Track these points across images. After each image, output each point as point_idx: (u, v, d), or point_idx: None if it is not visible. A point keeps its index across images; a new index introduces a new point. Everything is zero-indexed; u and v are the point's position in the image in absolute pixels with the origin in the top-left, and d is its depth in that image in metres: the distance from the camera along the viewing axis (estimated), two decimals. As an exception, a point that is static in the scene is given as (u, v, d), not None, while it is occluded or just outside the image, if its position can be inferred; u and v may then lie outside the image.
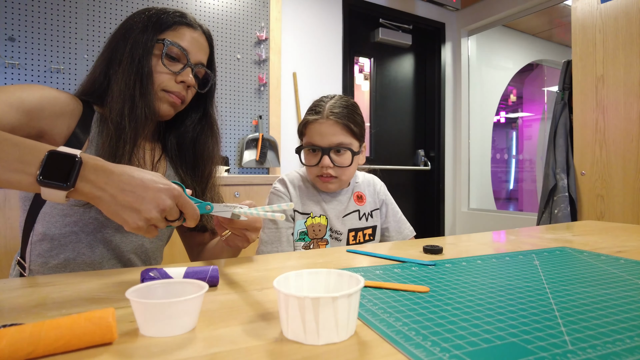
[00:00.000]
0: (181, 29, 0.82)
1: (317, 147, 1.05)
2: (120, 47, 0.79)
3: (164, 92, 0.81)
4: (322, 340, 0.36)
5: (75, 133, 0.76)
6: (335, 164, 1.05)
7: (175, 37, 0.81)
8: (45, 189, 0.52)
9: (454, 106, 3.61)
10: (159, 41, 0.79)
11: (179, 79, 0.81)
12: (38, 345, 0.33)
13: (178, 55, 0.81)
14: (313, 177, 1.10)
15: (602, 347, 0.36)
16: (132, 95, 0.76)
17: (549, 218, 2.31)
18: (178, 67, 0.81)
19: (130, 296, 0.38)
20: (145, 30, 0.79)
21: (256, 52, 2.65)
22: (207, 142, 0.92)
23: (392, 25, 3.30)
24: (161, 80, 0.80)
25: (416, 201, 3.60)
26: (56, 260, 0.76)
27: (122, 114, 0.75)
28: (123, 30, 0.81)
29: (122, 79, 0.76)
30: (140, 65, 0.77)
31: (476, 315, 0.43)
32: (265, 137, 2.61)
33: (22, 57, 2.01)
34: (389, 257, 0.73)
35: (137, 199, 0.54)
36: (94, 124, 0.79)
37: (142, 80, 0.77)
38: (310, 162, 1.08)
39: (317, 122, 1.05)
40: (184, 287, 0.43)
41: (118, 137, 0.74)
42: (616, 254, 0.75)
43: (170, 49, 0.80)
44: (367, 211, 1.16)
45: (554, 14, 3.40)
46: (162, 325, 0.38)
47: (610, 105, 2.09)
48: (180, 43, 0.81)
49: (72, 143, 0.75)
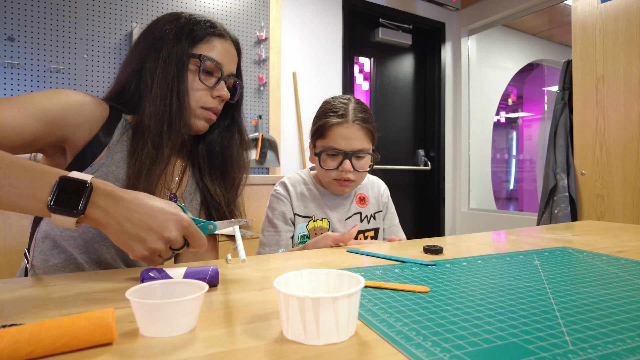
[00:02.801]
0: (213, 41, 0.81)
1: (340, 151, 1.02)
2: (152, 58, 0.77)
3: (202, 110, 0.80)
4: (322, 341, 0.36)
5: (97, 137, 0.75)
6: (356, 169, 1.04)
7: (209, 50, 0.80)
8: (56, 216, 0.52)
9: (454, 106, 3.61)
10: (194, 56, 0.78)
11: (215, 94, 0.80)
12: (38, 345, 0.33)
13: (213, 69, 0.80)
14: (329, 180, 1.07)
15: (602, 347, 0.36)
16: (170, 115, 0.75)
17: (549, 218, 2.31)
18: (212, 81, 0.81)
19: (130, 296, 0.38)
20: (178, 42, 0.77)
21: (256, 51, 2.65)
22: (236, 150, 0.91)
23: (392, 25, 3.30)
24: (198, 97, 0.79)
25: (416, 201, 3.60)
26: (56, 260, 0.76)
27: (161, 133, 0.74)
28: (152, 40, 0.79)
29: (158, 95, 0.75)
30: (176, 82, 0.76)
31: (477, 315, 0.43)
32: (265, 137, 2.61)
33: (22, 57, 2.01)
34: (389, 257, 0.73)
35: (144, 229, 0.54)
36: (117, 130, 0.78)
37: (179, 98, 0.76)
38: (329, 165, 1.05)
39: (343, 125, 1.02)
40: (184, 288, 0.43)
41: (155, 157, 0.74)
42: (616, 254, 0.75)
43: (206, 65, 0.79)
44: (369, 213, 1.15)
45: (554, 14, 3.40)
46: (161, 325, 0.38)
47: (610, 105, 2.09)
48: (214, 57, 0.80)
49: (93, 147, 0.74)
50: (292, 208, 1.09)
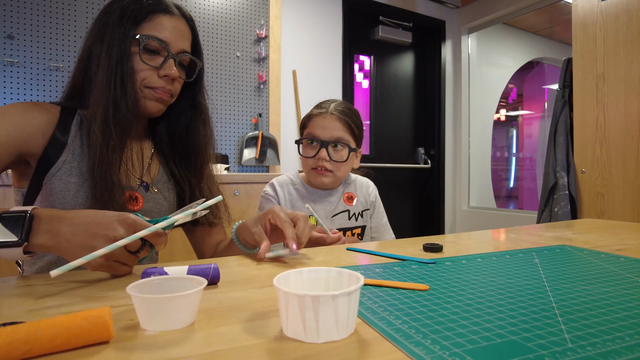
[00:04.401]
0: (157, 18, 0.77)
1: (317, 140, 1.09)
2: (97, 45, 0.76)
3: (148, 89, 0.78)
4: (322, 339, 0.36)
5: (54, 138, 0.74)
6: (332, 159, 1.09)
7: (152, 28, 0.76)
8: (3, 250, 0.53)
9: (454, 104, 3.61)
10: (134, 37, 0.75)
11: (162, 73, 0.77)
12: (34, 344, 0.33)
13: (157, 48, 0.77)
14: (308, 169, 1.13)
15: (601, 344, 0.36)
16: (114, 99, 0.73)
17: (549, 216, 2.31)
18: (159, 60, 0.77)
19: (131, 291, 0.39)
20: (119, 24, 0.74)
21: (256, 49, 2.64)
22: (199, 131, 0.88)
23: (392, 23, 3.30)
24: (143, 77, 0.77)
25: (416, 199, 3.60)
26: (41, 262, 0.77)
27: (107, 120, 0.72)
28: (99, 26, 0.77)
29: (102, 81, 0.73)
30: (118, 65, 0.73)
31: (476, 313, 0.43)
32: (265, 135, 2.61)
33: (21, 55, 2.01)
34: (389, 255, 0.73)
35: (90, 236, 0.53)
36: (73, 127, 0.77)
37: (122, 81, 0.74)
38: (307, 153, 1.11)
39: (321, 115, 1.10)
40: (184, 283, 0.44)
41: (106, 145, 0.72)
42: (616, 252, 0.75)
43: (148, 44, 0.75)
44: (357, 211, 1.18)
45: (555, 12, 3.39)
46: (161, 319, 0.39)
47: (610, 103, 2.09)
48: (157, 35, 0.76)
49: (54, 147, 0.74)
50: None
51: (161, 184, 0.88)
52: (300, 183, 1.17)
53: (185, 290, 0.40)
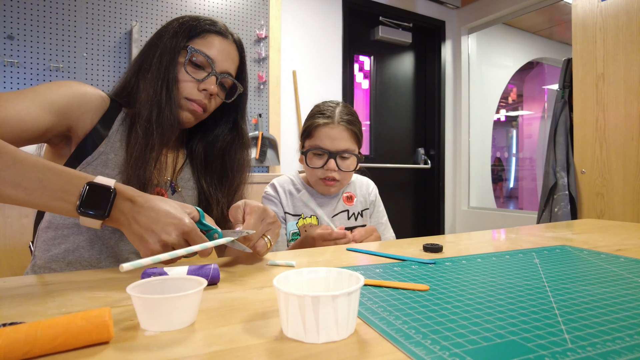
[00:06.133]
0: (210, 37, 0.82)
1: (325, 151, 1.07)
2: (151, 53, 0.81)
3: (186, 100, 0.82)
4: (322, 339, 0.36)
5: (96, 128, 0.78)
6: (341, 169, 1.08)
7: (203, 45, 0.81)
8: (84, 218, 0.57)
9: (454, 104, 3.61)
10: (184, 48, 0.80)
11: (202, 87, 0.81)
12: (34, 345, 0.33)
13: (203, 63, 0.81)
14: (315, 179, 1.12)
15: (601, 345, 0.36)
16: (159, 102, 0.77)
17: (549, 216, 2.31)
18: (202, 75, 0.82)
19: (131, 292, 0.39)
20: (174, 36, 0.80)
21: (256, 50, 2.64)
22: (237, 154, 0.92)
23: (392, 23, 3.30)
24: (184, 87, 0.81)
25: (416, 199, 3.60)
26: (57, 250, 0.77)
27: (150, 120, 0.77)
28: (156, 37, 0.83)
29: (150, 85, 0.78)
30: (166, 72, 0.79)
31: (476, 313, 0.43)
32: (265, 135, 2.61)
33: (21, 56, 2.01)
34: (389, 256, 0.73)
35: (147, 230, 0.57)
36: (117, 122, 0.81)
37: (168, 87, 0.78)
38: (315, 164, 1.09)
39: (328, 126, 1.07)
40: (184, 283, 0.44)
41: (146, 144, 0.76)
42: (616, 252, 0.75)
43: (194, 56, 0.80)
44: (356, 211, 1.19)
45: (555, 12, 3.39)
46: (162, 319, 0.39)
47: (610, 104, 2.09)
48: (206, 51, 0.81)
49: (93, 137, 0.77)
50: (282, 207, 1.14)
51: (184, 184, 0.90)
52: (300, 183, 1.18)
53: (186, 290, 0.40)
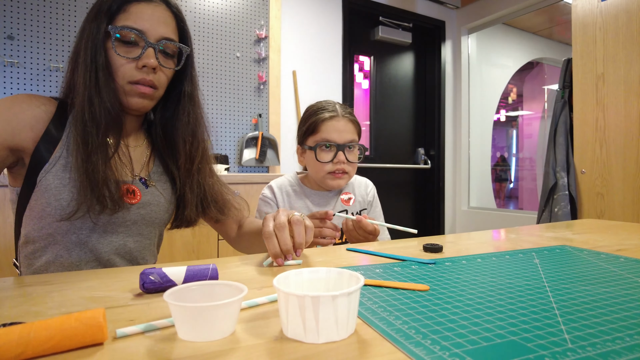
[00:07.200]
0: (132, 7, 0.73)
1: (334, 144, 1.09)
2: (81, 41, 0.73)
3: (131, 85, 0.74)
4: (322, 339, 0.36)
5: (47, 133, 0.73)
6: (348, 160, 1.11)
7: (126, 19, 0.72)
8: None
9: (454, 104, 3.61)
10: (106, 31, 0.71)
11: (141, 64, 0.73)
12: (27, 346, 0.32)
13: (134, 38, 0.72)
14: (324, 174, 1.11)
15: (601, 345, 0.36)
16: (89, 96, 0.70)
17: (549, 216, 2.31)
18: (137, 51, 0.73)
19: (168, 299, 0.37)
20: (95, 18, 0.72)
21: (256, 50, 2.64)
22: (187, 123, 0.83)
23: (392, 24, 3.30)
24: (123, 72, 0.73)
25: (416, 200, 3.60)
26: (39, 262, 0.75)
27: (83, 119, 0.70)
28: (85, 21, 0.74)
29: (79, 78, 0.71)
30: (93, 63, 0.71)
31: (476, 313, 0.43)
32: (265, 135, 2.61)
33: (22, 56, 2.01)
34: (389, 256, 0.73)
35: None
36: (68, 122, 0.75)
37: (96, 78, 0.71)
38: (324, 158, 1.10)
39: (334, 119, 1.10)
40: (222, 290, 0.42)
41: (85, 144, 0.69)
42: (616, 252, 0.75)
43: (122, 35, 0.71)
44: (354, 211, 1.19)
45: (555, 12, 3.39)
46: (202, 329, 0.36)
47: (610, 104, 2.09)
48: (131, 25, 0.71)
49: (45, 143, 0.72)
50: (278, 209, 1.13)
51: (157, 178, 0.86)
52: (298, 184, 1.18)
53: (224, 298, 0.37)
